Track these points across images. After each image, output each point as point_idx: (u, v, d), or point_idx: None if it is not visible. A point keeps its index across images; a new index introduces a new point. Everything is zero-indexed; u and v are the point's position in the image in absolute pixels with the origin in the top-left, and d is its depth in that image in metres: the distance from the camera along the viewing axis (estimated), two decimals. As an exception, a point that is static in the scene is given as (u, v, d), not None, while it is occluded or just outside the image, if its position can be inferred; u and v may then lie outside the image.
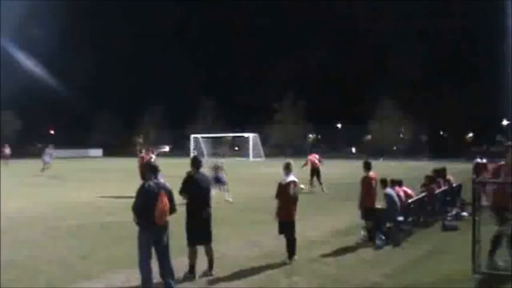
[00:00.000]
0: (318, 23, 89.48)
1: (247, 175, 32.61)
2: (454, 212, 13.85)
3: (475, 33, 70.40)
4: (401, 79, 70.56)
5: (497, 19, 56.23)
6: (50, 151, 35.54)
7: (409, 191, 12.70)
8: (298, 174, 9.75)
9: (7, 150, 51.35)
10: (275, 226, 9.42)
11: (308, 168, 23.59)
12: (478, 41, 71.72)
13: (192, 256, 8.16)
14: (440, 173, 15.51)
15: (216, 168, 19.16)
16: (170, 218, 7.32)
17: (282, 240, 9.30)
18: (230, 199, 17.88)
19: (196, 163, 8.45)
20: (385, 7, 78.29)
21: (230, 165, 31.45)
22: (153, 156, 22.69)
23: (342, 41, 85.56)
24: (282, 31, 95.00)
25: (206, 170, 9.52)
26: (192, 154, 40.31)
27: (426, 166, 25.35)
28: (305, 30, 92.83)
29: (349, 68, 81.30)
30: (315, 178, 23.13)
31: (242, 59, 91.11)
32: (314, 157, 24.85)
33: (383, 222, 10.94)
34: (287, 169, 9.38)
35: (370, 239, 10.56)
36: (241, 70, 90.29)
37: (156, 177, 7.42)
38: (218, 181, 18.35)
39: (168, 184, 7.41)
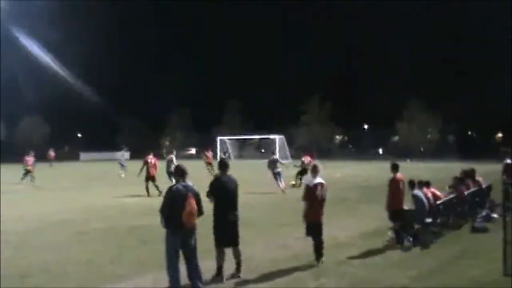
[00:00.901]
0: (342, 23, 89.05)
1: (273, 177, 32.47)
2: (483, 213, 13.63)
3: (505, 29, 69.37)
4: (429, 79, 69.88)
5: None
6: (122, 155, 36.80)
7: (438, 193, 12.57)
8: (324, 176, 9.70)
9: (52, 153, 52.79)
10: (302, 228, 9.40)
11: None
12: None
13: (220, 258, 8.18)
14: (469, 174, 15.32)
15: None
16: (198, 221, 7.36)
17: (309, 242, 9.28)
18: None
19: (223, 165, 8.47)
20: (408, 4, 77.61)
21: (256, 167, 31.60)
22: (173, 157, 23.30)
23: (368, 41, 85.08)
24: (308, 32, 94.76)
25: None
26: (222, 157, 40.66)
27: (454, 167, 25.02)
28: (330, 31, 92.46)
29: (376, 69, 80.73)
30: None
31: (268, 61, 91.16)
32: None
33: (411, 224, 10.86)
34: (314, 171, 9.37)
35: (398, 241, 10.47)
36: (268, 71, 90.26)
37: (184, 180, 7.44)
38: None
39: (195, 187, 7.44)
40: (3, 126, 74.74)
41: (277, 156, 26.24)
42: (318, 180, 9.26)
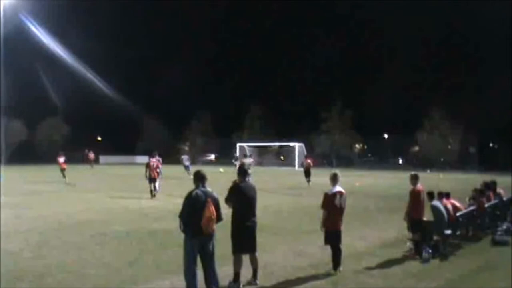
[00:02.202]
0: (364, 32, 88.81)
1: (293, 184, 32.51)
2: (504, 226, 13.45)
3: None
4: (451, 89, 69.34)
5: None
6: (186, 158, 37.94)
7: (458, 204, 12.47)
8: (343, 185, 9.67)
9: (91, 155, 53.95)
10: (320, 236, 9.37)
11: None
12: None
13: (237, 264, 8.17)
14: (490, 186, 15.16)
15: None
16: (216, 226, 7.38)
17: (327, 251, 9.26)
18: None
19: (242, 172, 8.49)
20: (431, 14, 77.29)
21: (275, 174, 31.67)
22: (186, 158, 24.98)
23: (390, 50, 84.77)
24: (330, 40, 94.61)
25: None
26: (235, 163, 41.11)
27: (475, 179, 24.83)
28: (352, 40, 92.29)
29: (397, 78, 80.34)
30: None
31: (290, 68, 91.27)
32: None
33: (430, 235, 10.77)
34: (334, 179, 9.34)
35: (417, 252, 10.40)
36: (289, 78, 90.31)
37: (203, 186, 7.45)
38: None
39: (215, 193, 7.45)
40: (24, 127, 75.41)
41: (249, 160, 30.12)
42: (338, 188, 9.23)
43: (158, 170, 22.53)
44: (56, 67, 63.05)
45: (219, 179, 16.93)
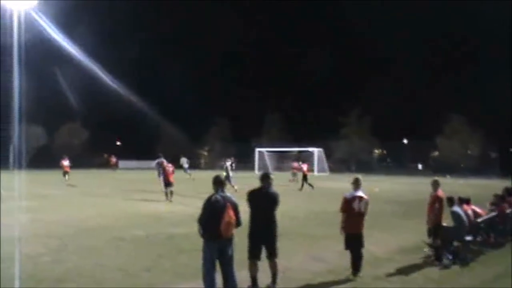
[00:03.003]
0: (382, 36, 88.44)
1: (310, 189, 32.40)
2: (526, 232, 13.31)
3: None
4: (471, 94, 68.75)
5: None
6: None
7: (478, 210, 12.34)
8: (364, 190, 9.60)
9: (114, 159, 54.72)
10: (339, 241, 9.33)
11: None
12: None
13: (253, 269, 8.14)
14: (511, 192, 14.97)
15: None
16: (234, 231, 7.37)
17: (346, 256, 9.20)
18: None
19: (264, 178, 8.46)
20: (452, 20, 76.75)
21: (294, 179, 31.65)
22: (185, 161, 26.63)
23: (410, 55, 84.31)
24: (348, 45, 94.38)
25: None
26: (263, 166, 41.45)
27: (496, 184, 24.55)
28: (370, 44, 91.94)
29: (417, 83, 79.95)
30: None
31: (308, 73, 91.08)
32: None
33: (450, 241, 10.66)
34: (355, 184, 9.30)
35: (437, 258, 10.30)
36: (308, 83, 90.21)
37: (222, 190, 7.44)
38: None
39: (234, 197, 7.45)
40: (43, 132, 76.05)
41: (228, 162, 30.09)
42: (358, 193, 9.19)
43: (174, 174, 23.57)
44: (76, 73, 63.45)
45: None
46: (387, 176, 53.40)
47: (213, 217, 7.16)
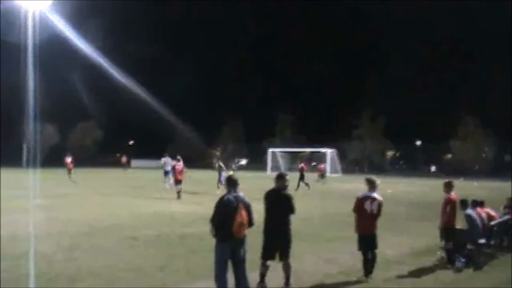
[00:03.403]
0: (396, 38, 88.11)
1: (324, 190, 32.38)
2: (540, 236, 13.19)
3: None
4: (485, 95, 68.37)
5: None
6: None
7: (492, 213, 12.25)
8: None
9: (125, 159, 55.30)
10: (351, 243, 9.33)
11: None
12: None
13: (263, 268, 8.16)
14: (526, 195, 14.85)
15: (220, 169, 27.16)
16: (247, 231, 7.37)
17: (358, 257, 9.19)
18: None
19: (280, 179, 8.47)
20: (466, 21, 76.29)
21: (307, 180, 31.62)
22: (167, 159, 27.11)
23: (423, 56, 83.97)
24: (361, 46, 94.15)
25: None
26: (234, 168, 41.29)
27: (510, 187, 24.38)
28: (385, 46, 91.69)
29: (430, 84, 79.58)
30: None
31: (322, 74, 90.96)
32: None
33: (463, 244, 10.60)
34: (370, 185, 9.30)
35: (449, 261, 10.25)
36: (321, 85, 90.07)
37: (235, 190, 7.44)
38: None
39: (246, 198, 7.44)
40: (57, 131, 76.56)
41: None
42: (372, 194, 9.19)
43: (183, 173, 24.57)
44: (90, 72, 63.90)
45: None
46: (399, 178, 53.15)
47: (225, 217, 7.17)
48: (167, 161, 30.52)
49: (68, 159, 36.61)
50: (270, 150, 67.49)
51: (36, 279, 8.37)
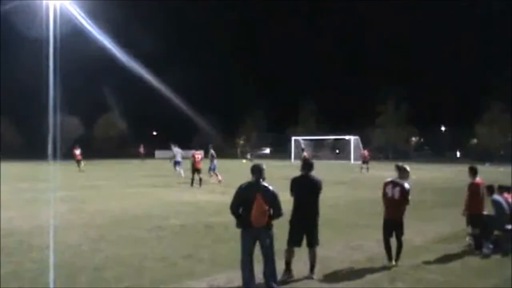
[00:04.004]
0: (421, 24, 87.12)
1: (349, 178, 32.26)
2: None
3: None
4: (510, 80, 67.30)
5: None
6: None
7: (519, 198, 12.10)
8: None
9: (141, 150, 55.83)
10: (378, 230, 9.30)
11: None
12: None
13: (288, 254, 8.16)
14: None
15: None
16: (275, 221, 7.37)
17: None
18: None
19: (306, 165, 8.46)
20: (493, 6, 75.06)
21: (331, 168, 31.55)
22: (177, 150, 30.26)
23: (448, 41, 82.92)
24: (387, 33, 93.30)
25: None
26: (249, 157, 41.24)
27: (537, 172, 24.05)
28: (410, 32, 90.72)
29: (454, 69, 78.57)
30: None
31: (345, 61, 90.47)
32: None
33: (490, 230, 10.49)
34: (399, 172, 9.31)
35: (476, 247, 10.16)
36: (344, 71, 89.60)
37: (259, 179, 7.38)
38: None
39: (271, 187, 7.38)
40: (80, 123, 77.20)
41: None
42: (397, 179, 9.19)
43: (202, 162, 24.98)
44: (113, 65, 64.23)
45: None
46: (424, 164, 52.66)
47: (242, 205, 7.21)
48: (177, 151, 30.77)
49: (77, 151, 37.57)
50: (294, 138, 67.31)
51: (63, 269, 8.47)
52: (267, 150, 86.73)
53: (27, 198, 18.93)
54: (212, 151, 27.96)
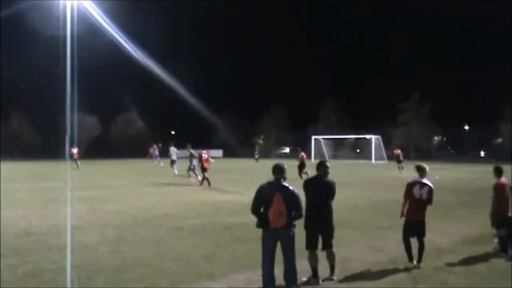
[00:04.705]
0: (444, 22, 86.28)
1: (370, 178, 32.01)
2: None
3: None
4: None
5: None
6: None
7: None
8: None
9: (156, 151, 56.07)
10: (399, 231, 9.14)
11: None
12: None
13: (312, 260, 8.02)
14: None
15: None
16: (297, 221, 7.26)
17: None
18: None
19: (322, 167, 8.34)
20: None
21: (351, 167, 31.29)
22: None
23: (473, 39, 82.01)
24: (410, 31, 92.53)
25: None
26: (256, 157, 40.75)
27: None
28: (436, 30, 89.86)
29: (477, 65, 77.64)
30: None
31: (365, 58, 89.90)
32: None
33: (516, 232, 10.24)
34: (419, 170, 9.14)
35: (502, 249, 9.93)
36: (366, 69, 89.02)
37: (279, 179, 7.28)
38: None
39: (292, 187, 7.26)
40: (98, 123, 77.59)
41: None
42: (421, 179, 9.03)
43: (209, 161, 25.60)
44: (130, 64, 64.54)
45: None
46: (447, 164, 52.19)
47: (261, 205, 7.12)
48: (173, 150, 31.05)
49: (75, 150, 39.58)
50: (314, 137, 67.03)
51: (81, 270, 8.44)
52: (287, 150, 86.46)
53: (45, 197, 19.07)
54: (191, 151, 27.70)
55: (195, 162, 26.99)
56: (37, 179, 27.65)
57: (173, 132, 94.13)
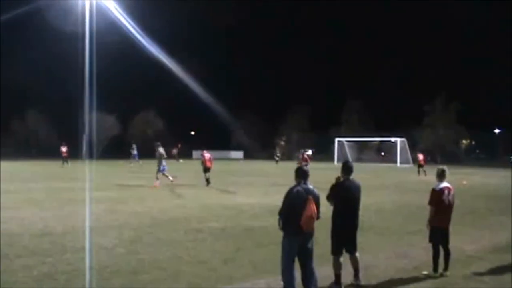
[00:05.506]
0: (476, 21, 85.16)
1: (395, 181, 31.58)
2: None
3: None
4: None
5: None
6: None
7: None
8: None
9: (175, 150, 56.36)
10: (425, 237, 8.88)
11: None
12: None
13: (337, 266, 7.81)
14: None
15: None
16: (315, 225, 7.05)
17: (431, 252, 8.70)
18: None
19: (347, 169, 8.08)
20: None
21: (376, 171, 30.85)
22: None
23: (505, 38, 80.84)
24: (434, 30, 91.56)
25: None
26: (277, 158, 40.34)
27: None
28: (464, 28, 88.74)
29: (509, 65, 76.31)
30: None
31: (390, 59, 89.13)
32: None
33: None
34: (441, 176, 8.78)
35: (533, 258, 9.56)
36: (390, 69, 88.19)
37: (305, 182, 7.12)
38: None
39: (316, 190, 7.11)
40: (117, 122, 77.71)
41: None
42: (445, 184, 8.69)
43: (211, 161, 25.81)
44: (149, 63, 64.79)
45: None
46: (476, 168, 51.39)
47: (293, 210, 6.88)
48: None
49: (64, 149, 40.64)
50: (337, 139, 66.50)
51: (98, 271, 8.33)
52: (309, 152, 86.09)
53: (62, 198, 19.01)
54: (161, 151, 25.25)
55: (164, 163, 25.38)
56: (54, 179, 27.78)
57: (192, 133, 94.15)
